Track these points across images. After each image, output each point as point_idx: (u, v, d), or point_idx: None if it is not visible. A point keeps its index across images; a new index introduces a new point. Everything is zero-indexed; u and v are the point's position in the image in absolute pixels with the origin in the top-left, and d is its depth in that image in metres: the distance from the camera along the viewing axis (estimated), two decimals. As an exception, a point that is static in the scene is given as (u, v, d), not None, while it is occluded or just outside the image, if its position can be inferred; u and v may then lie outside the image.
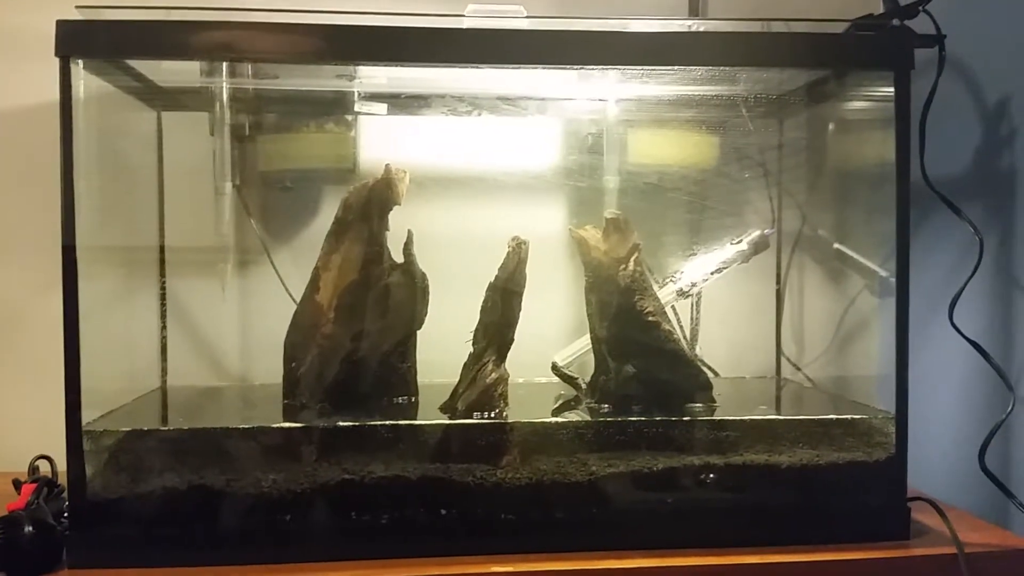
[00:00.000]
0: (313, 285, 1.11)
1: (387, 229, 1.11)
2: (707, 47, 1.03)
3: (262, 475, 0.98)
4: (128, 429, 1.01)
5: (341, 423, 1.03)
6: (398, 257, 1.12)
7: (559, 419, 1.10)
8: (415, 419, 1.09)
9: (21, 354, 1.32)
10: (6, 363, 1.33)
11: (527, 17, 1.03)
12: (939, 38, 1.06)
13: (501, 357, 1.06)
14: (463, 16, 1.01)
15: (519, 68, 1.04)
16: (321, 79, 1.20)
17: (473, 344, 1.07)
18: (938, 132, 1.09)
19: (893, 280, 1.04)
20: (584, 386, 1.19)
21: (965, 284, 1.10)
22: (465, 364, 1.07)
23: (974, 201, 1.14)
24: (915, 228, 1.03)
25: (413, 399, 1.13)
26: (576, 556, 0.96)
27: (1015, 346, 1.11)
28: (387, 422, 1.03)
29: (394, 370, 1.12)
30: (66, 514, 0.96)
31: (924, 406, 1.11)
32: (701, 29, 1.09)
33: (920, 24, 1.06)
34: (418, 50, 0.99)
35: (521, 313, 1.07)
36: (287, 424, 1.05)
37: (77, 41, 0.94)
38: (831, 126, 1.35)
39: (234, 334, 1.34)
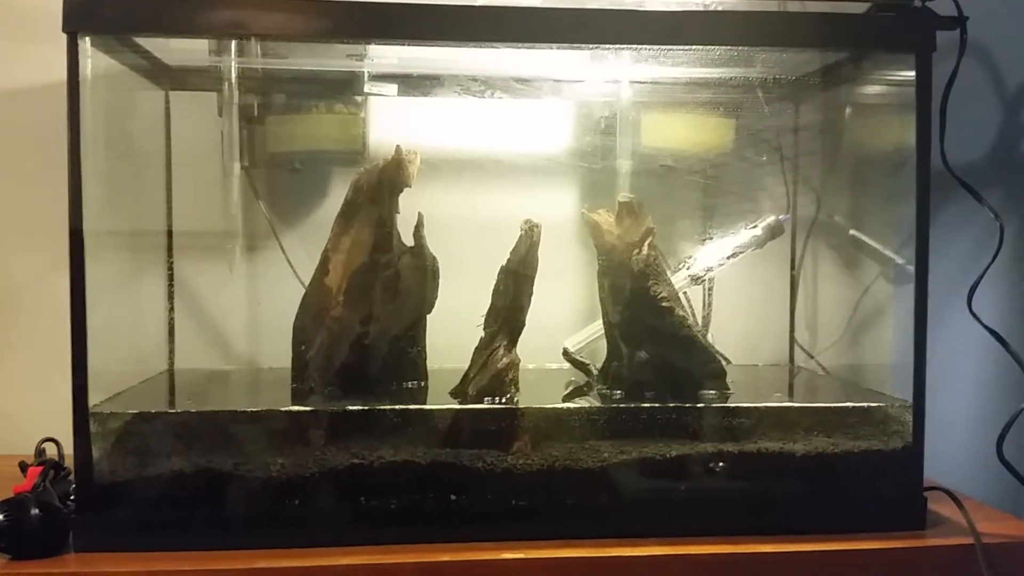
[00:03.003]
0: (322, 268, 1.09)
1: (397, 211, 1.09)
2: (724, 26, 1.01)
3: (270, 459, 0.97)
4: (135, 412, 1.00)
5: (350, 407, 1.02)
6: (408, 240, 1.11)
7: (571, 405, 1.09)
8: (425, 404, 1.08)
9: (28, 336, 1.31)
10: (13, 345, 1.32)
11: (541, -6, 1.01)
12: (961, 20, 1.03)
13: (512, 342, 1.05)
14: (477, -8, 0.99)
15: (533, 47, 1.02)
16: (331, 59, 1.19)
17: (484, 328, 1.06)
18: (958, 116, 1.07)
19: (909, 267, 1.03)
20: (596, 372, 1.17)
21: (985, 271, 1.08)
22: (476, 348, 1.06)
23: (994, 186, 1.12)
24: (934, 214, 1.02)
25: (423, 384, 1.12)
26: (588, 543, 0.95)
27: (1035, 334, 1.10)
28: (397, 406, 1.02)
29: (404, 354, 1.12)
30: (72, 497, 0.95)
31: (941, 395, 1.10)
32: (718, 8, 1.07)
33: (941, 6, 1.04)
34: (430, 28, 0.98)
35: (533, 297, 1.05)
36: (295, 408, 1.04)
37: (85, 16, 0.92)
38: (848, 110, 1.33)
39: (242, 317, 1.33)
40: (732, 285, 1.34)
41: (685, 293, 1.24)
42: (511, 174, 1.28)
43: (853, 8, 1.05)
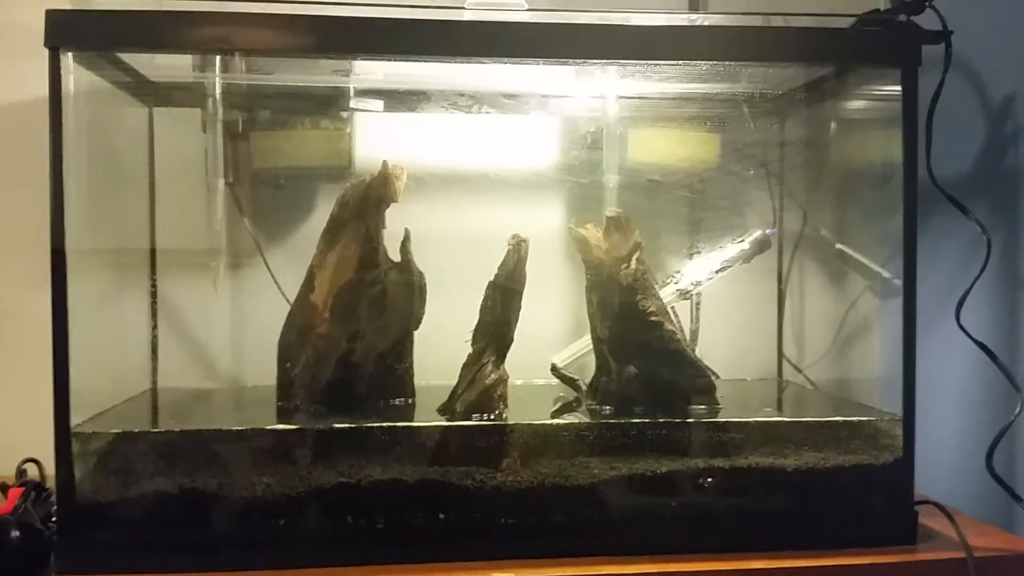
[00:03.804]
0: (308, 284, 1.09)
1: (384, 227, 1.09)
2: (710, 42, 1.02)
3: (255, 478, 0.95)
4: (118, 431, 0.99)
5: (336, 425, 1.01)
6: (395, 256, 1.10)
7: (561, 421, 1.08)
8: (412, 421, 1.07)
9: (8, 354, 1.30)
10: (-7, 364, 1.30)
11: (528, 10, 1.01)
12: (946, 34, 1.04)
13: (501, 357, 1.04)
14: (463, 8, 0.99)
15: (519, 63, 1.02)
16: (316, 75, 1.19)
17: (472, 344, 1.05)
18: (944, 130, 1.07)
19: (896, 281, 1.03)
20: (584, 387, 1.17)
21: (972, 284, 1.08)
22: (464, 364, 1.05)
23: (981, 200, 1.13)
24: (920, 227, 1.02)
25: (410, 401, 1.11)
26: (578, 561, 0.94)
27: (1023, 347, 1.09)
28: (384, 424, 1.01)
29: (391, 371, 1.11)
30: (54, 519, 0.94)
31: (929, 408, 1.09)
32: (704, 24, 1.07)
33: (926, 20, 1.04)
34: (416, 43, 0.98)
35: (521, 313, 1.05)
36: (281, 426, 1.03)
37: (67, 31, 0.92)
38: (834, 124, 1.34)
39: (226, 335, 1.32)
40: (719, 300, 1.34)
41: (673, 308, 1.23)
42: (498, 189, 1.27)
43: (838, 23, 1.06)
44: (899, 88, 1.01)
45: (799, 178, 1.37)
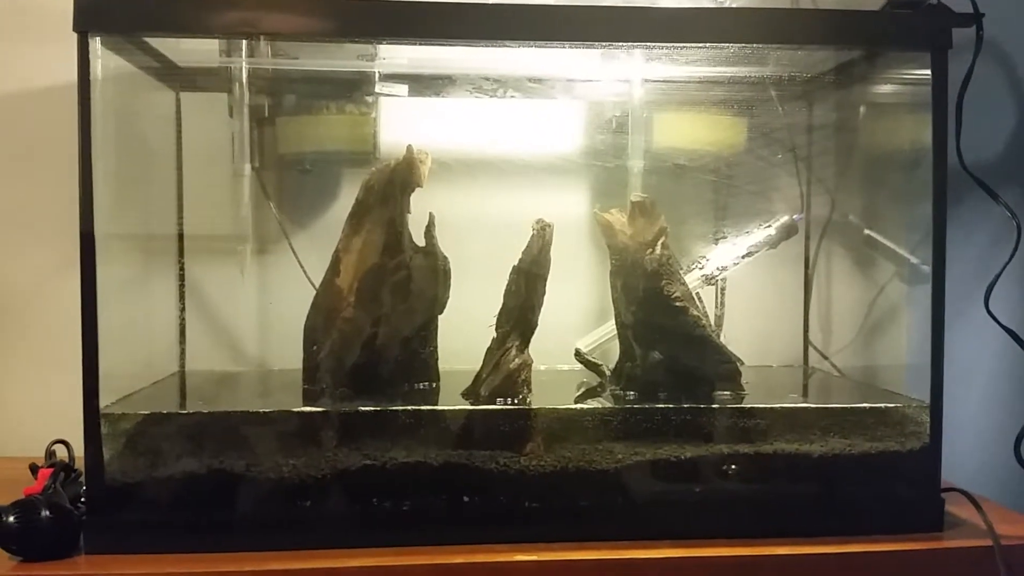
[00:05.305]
0: (333, 269, 1.09)
1: (408, 212, 1.09)
2: (738, 24, 1.01)
3: (282, 460, 0.96)
4: (146, 413, 1.00)
5: (362, 408, 1.01)
6: (420, 240, 1.10)
7: (584, 406, 1.08)
8: (437, 405, 1.07)
9: (38, 337, 1.31)
10: (23, 347, 1.32)
11: (554, -8, 1.01)
12: (977, 16, 1.03)
13: (525, 342, 1.04)
14: (488, -9, 0.99)
15: (545, 46, 1.02)
16: (341, 59, 1.18)
17: (496, 329, 1.05)
18: (974, 114, 1.05)
19: (925, 267, 1.02)
20: (608, 373, 1.17)
21: (1002, 270, 1.07)
22: (488, 349, 1.05)
23: (1011, 185, 1.11)
24: (950, 213, 1.01)
25: (434, 385, 1.12)
26: (602, 545, 0.94)
27: (1053, 334, 1.08)
28: (409, 407, 1.02)
29: (415, 355, 1.11)
30: (83, 499, 0.95)
31: (957, 395, 1.09)
32: (732, 5, 1.06)
33: (957, 3, 1.03)
34: (441, 27, 0.97)
35: (545, 297, 1.05)
36: (307, 408, 1.04)
37: (96, 16, 0.92)
38: (863, 108, 1.32)
39: (253, 319, 1.33)
40: (744, 286, 1.33)
41: (698, 293, 1.23)
42: (523, 174, 1.27)
43: (868, 5, 1.04)
44: (929, 72, 1.00)
45: (827, 163, 1.36)
